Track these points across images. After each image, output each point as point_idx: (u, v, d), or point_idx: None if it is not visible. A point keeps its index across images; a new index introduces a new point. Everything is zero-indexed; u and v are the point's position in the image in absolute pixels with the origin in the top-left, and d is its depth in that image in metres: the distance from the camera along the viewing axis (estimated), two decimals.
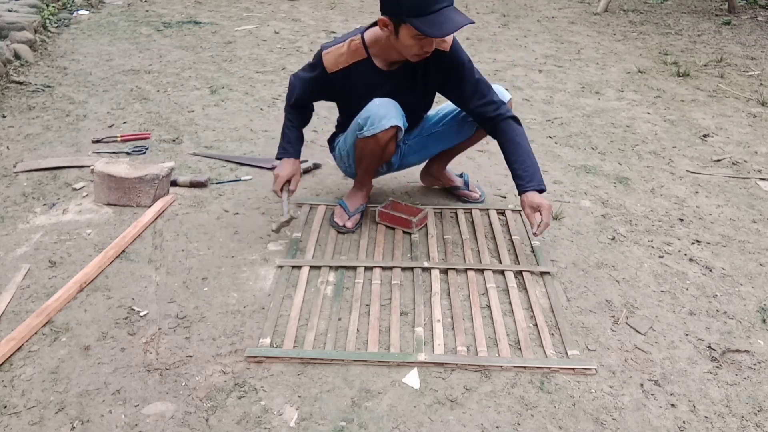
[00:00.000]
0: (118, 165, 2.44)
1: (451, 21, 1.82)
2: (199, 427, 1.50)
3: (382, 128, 2.02)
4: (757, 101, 3.82)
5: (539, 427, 1.52)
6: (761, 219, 2.51)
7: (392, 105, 2.06)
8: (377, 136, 2.05)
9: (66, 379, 1.62)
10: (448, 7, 1.83)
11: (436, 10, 1.80)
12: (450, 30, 1.81)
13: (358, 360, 1.69)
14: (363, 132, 2.06)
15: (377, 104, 2.04)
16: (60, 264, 2.08)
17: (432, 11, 1.80)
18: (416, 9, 1.80)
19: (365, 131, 2.06)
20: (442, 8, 1.81)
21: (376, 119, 2.02)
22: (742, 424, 1.55)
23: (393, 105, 2.06)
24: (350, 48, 2.05)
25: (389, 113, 2.03)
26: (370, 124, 2.04)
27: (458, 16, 1.84)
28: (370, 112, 2.04)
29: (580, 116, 3.54)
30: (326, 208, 2.45)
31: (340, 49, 2.06)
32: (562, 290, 2.02)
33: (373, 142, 2.08)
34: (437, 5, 1.80)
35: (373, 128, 2.03)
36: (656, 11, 6.47)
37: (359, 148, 2.16)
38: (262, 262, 2.12)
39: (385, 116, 2.02)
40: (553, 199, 2.58)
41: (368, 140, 2.08)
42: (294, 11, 5.99)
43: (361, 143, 2.12)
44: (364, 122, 2.05)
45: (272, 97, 3.67)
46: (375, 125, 2.03)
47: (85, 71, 4.02)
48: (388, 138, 2.07)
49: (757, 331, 1.89)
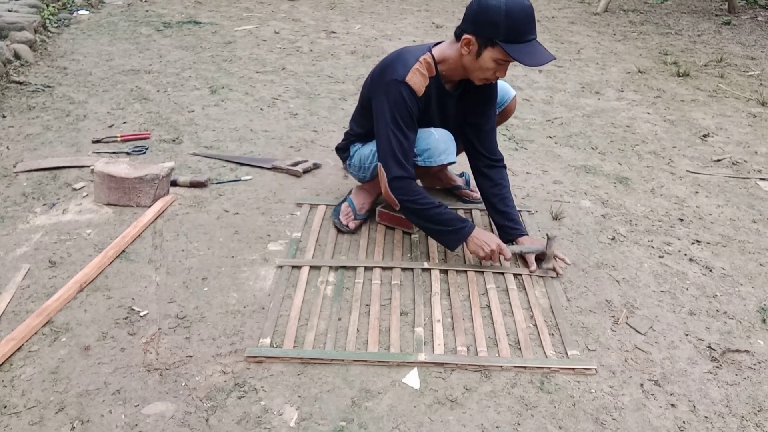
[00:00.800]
0: (118, 165, 2.44)
1: (541, 54, 1.87)
2: (199, 427, 1.50)
3: (438, 163, 2.08)
4: (757, 101, 3.82)
5: (539, 427, 1.52)
6: (761, 219, 2.51)
7: (450, 140, 2.09)
8: (429, 168, 2.11)
9: (66, 379, 1.62)
10: (535, 40, 1.89)
11: (528, 40, 1.86)
12: (540, 62, 1.86)
13: (358, 360, 1.69)
14: (416, 160, 2.07)
15: (437, 138, 2.06)
16: (60, 264, 2.08)
17: (525, 41, 1.86)
18: (513, 36, 1.84)
19: (419, 161, 2.08)
20: (532, 40, 1.87)
21: (435, 153, 2.06)
22: (742, 424, 1.55)
23: (451, 140, 2.09)
24: (425, 66, 2.00)
25: (448, 149, 2.07)
26: (428, 157, 2.07)
27: (545, 51, 1.90)
28: (429, 144, 2.06)
29: (580, 116, 3.54)
30: (326, 208, 2.45)
31: (420, 69, 1.97)
32: (562, 290, 2.02)
33: (422, 170, 2.13)
34: (530, 36, 1.86)
35: (430, 161, 2.08)
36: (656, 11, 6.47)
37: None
38: (262, 262, 2.12)
39: (444, 152, 2.07)
40: (553, 199, 2.58)
41: (420, 169, 2.12)
42: (294, 11, 5.99)
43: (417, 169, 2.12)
44: (421, 152, 2.07)
45: (272, 97, 3.67)
46: (433, 158, 2.07)
47: (85, 71, 4.02)
48: (438, 170, 2.09)
49: (757, 331, 1.89)
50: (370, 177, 2.28)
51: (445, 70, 2.02)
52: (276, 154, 2.91)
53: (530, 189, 2.66)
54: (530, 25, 1.86)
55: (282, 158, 2.85)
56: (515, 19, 1.82)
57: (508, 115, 2.39)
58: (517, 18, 1.82)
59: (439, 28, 5.52)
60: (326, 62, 4.38)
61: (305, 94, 3.72)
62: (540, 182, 2.72)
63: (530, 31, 1.86)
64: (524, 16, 1.83)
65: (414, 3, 6.55)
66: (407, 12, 6.12)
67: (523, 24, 1.83)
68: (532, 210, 2.47)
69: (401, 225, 2.29)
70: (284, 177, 2.71)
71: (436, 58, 2.01)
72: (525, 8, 1.83)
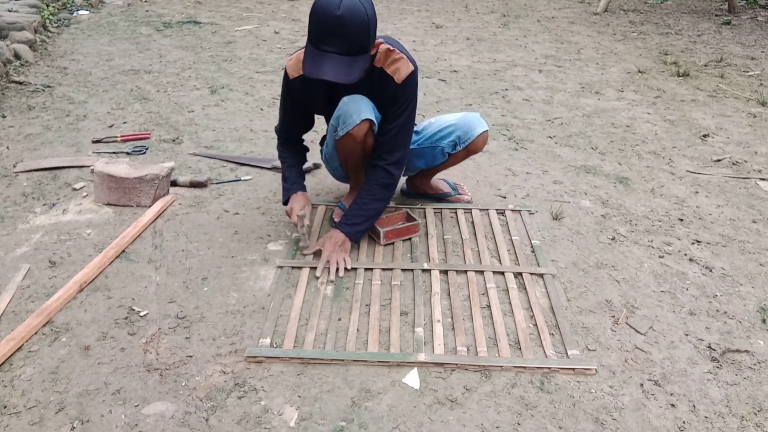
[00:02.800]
0: (118, 165, 2.44)
1: (319, 66, 1.82)
2: (199, 427, 1.50)
3: (354, 124, 2.01)
4: (757, 101, 3.82)
5: (539, 427, 1.52)
6: (761, 219, 2.51)
7: (361, 100, 2.03)
8: (351, 133, 2.03)
9: (66, 379, 1.62)
10: (334, 53, 1.81)
11: (320, 49, 1.82)
12: (311, 74, 1.83)
13: (358, 360, 1.69)
14: (338, 132, 2.06)
15: (346, 102, 2.04)
16: (60, 264, 2.08)
17: (317, 47, 1.83)
18: (309, 36, 1.84)
19: (339, 131, 2.05)
20: (325, 51, 1.81)
21: (347, 117, 2.02)
22: (742, 424, 1.55)
23: (362, 99, 2.03)
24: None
25: (359, 108, 2.01)
26: (343, 123, 2.03)
27: (330, 68, 1.81)
28: (340, 111, 2.04)
29: (580, 116, 3.54)
30: (326, 208, 2.45)
31: (299, 54, 2.02)
32: (562, 290, 2.02)
33: (350, 140, 2.06)
34: (322, 45, 1.82)
35: (346, 126, 2.03)
36: (656, 11, 6.47)
37: (340, 149, 2.15)
38: (262, 262, 2.12)
39: (355, 112, 2.01)
40: (553, 199, 2.58)
41: (345, 139, 2.07)
42: (294, 11, 5.99)
43: (341, 144, 2.11)
44: (336, 122, 2.06)
45: (272, 97, 3.67)
46: (347, 123, 2.02)
47: (85, 71, 4.02)
48: (363, 133, 2.04)
49: (757, 331, 1.89)
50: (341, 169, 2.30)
51: None
52: (276, 154, 2.90)
53: (530, 189, 2.66)
54: (326, 35, 1.80)
55: None
56: (313, 21, 1.82)
57: (476, 151, 2.34)
58: (316, 22, 1.81)
59: (439, 28, 5.52)
60: None
61: None
62: (540, 182, 2.72)
63: (325, 41, 1.80)
64: (322, 23, 1.80)
65: (414, 3, 6.55)
66: (407, 12, 6.12)
67: (318, 30, 1.81)
68: (532, 210, 2.47)
69: (409, 233, 2.26)
70: None
71: None
72: (327, 16, 1.78)
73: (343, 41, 1.80)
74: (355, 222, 2.12)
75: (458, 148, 2.30)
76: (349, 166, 2.26)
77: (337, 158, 2.25)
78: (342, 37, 1.80)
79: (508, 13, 6.22)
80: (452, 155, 2.33)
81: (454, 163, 2.40)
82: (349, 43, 1.81)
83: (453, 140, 2.29)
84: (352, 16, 1.78)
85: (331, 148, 2.23)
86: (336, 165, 2.30)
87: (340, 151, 2.17)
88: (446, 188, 2.53)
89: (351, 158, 2.19)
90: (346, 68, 1.82)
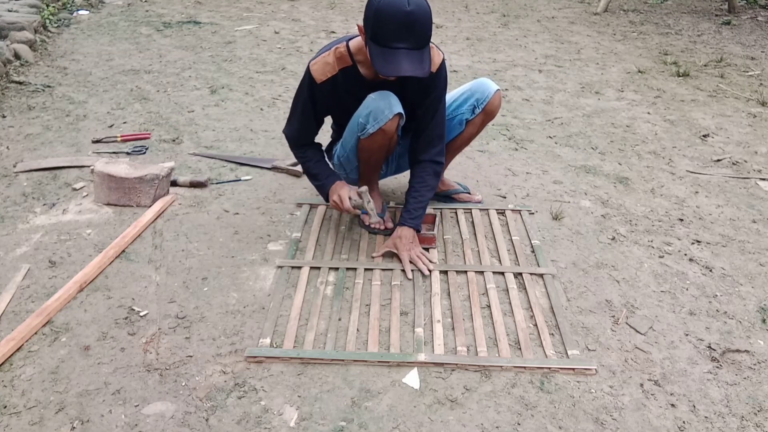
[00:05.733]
0: (118, 165, 2.44)
1: (396, 65, 1.81)
2: (199, 427, 1.50)
3: (387, 119, 2.00)
4: (757, 101, 3.82)
5: (539, 427, 1.52)
6: (761, 219, 2.51)
7: (389, 95, 2.02)
8: (383, 128, 2.02)
9: (66, 379, 1.62)
10: (407, 49, 1.81)
11: (392, 47, 1.81)
12: (389, 73, 1.82)
13: (358, 360, 1.69)
14: (367, 129, 2.03)
15: (374, 98, 2.02)
16: (60, 264, 2.08)
17: (389, 46, 1.81)
18: (377, 36, 1.82)
19: (369, 128, 2.02)
20: (398, 48, 1.81)
21: (379, 112, 2.00)
22: (742, 424, 1.55)
23: (390, 95, 2.03)
24: (336, 56, 2.02)
25: (390, 102, 2.00)
26: (374, 119, 2.01)
27: (408, 64, 1.81)
28: (370, 107, 2.01)
29: (580, 116, 3.54)
30: (326, 208, 2.44)
31: (326, 58, 2.03)
32: (562, 290, 2.02)
33: (380, 136, 2.05)
34: (395, 43, 1.80)
35: (377, 122, 2.01)
36: (656, 11, 6.47)
37: (365, 147, 2.13)
38: (262, 262, 2.12)
39: (387, 107, 2.00)
40: (553, 199, 2.58)
41: (374, 136, 2.05)
42: (294, 11, 5.99)
43: (367, 141, 2.08)
44: (366, 119, 2.03)
45: (272, 97, 3.67)
46: (379, 118, 2.00)
47: (85, 71, 4.02)
48: (394, 128, 2.04)
49: (757, 331, 1.89)
50: (355, 173, 2.29)
51: (363, 60, 2.01)
52: (276, 154, 2.91)
53: (530, 189, 2.66)
54: (398, 32, 1.79)
55: (282, 158, 2.85)
56: (382, 20, 1.78)
57: (494, 113, 2.32)
58: (385, 20, 1.78)
59: (439, 28, 5.51)
60: None
61: None
62: (540, 182, 2.72)
63: (398, 38, 1.79)
64: (393, 21, 1.78)
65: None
66: None
67: (388, 29, 1.79)
68: (532, 210, 2.47)
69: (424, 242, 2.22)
70: (284, 177, 2.71)
71: (352, 48, 2.01)
72: (397, 13, 1.76)
73: (416, 36, 1.81)
74: (416, 215, 2.15)
75: (477, 111, 2.28)
76: (371, 164, 2.24)
77: (355, 160, 2.22)
78: (414, 33, 1.81)
79: (508, 13, 6.22)
80: (470, 122, 2.30)
81: (472, 133, 2.35)
82: (420, 37, 1.83)
83: (471, 104, 2.28)
84: (420, 11, 1.79)
85: (348, 150, 2.20)
86: (352, 168, 2.27)
87: (364, 150, 2.14)
88: (457, 185, 2.53)
89: (375, 156, 2.18)
90: (420, 62, 1.84)
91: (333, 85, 2.04)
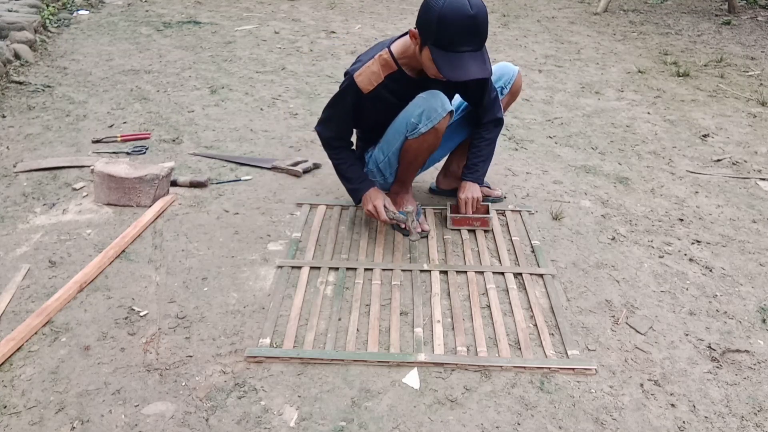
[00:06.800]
0: (118, 165, 2.44)
1: (465, 69, 1.83)
2: (199, 427, 1.50)
3: (440, 117, 2.02)
4: (757, 101, 3.82)
5: (539, 427, 1.52)
6: (761, 219, 2.51)
7: (439, 93, 2.04)
8: (436, 127, 2.04)
9: (66, 379, 1.62)
10: (472, 52, 1.84)
11: (458, 51, 1.82)
12: (461, 77, 1.84)
13: (358, 360, 1.70)
14: (419, 129, 2.04)
15: (425, 98, 2.03)
16: (60, 264, 2.08)
17: (454, 50, 1.82)
18: (442, 41, 1.82)
19: (421, 127, 2.04)
20: (464, 52, 1.83)
21: (432, 111, 2.02)
22: (742, 424, 1.55)
23: (439, 93, 2.05)
24: (380, 63, 2.03)
25: (442, 101, 2.03)
26: (426, 118, 2.02)
27: (475, 66, 1.84)
28: (422, 107, 2.03)
29: (580, 116, 3.54)
30: (326, 208, 2.45)
31: (371, 67, 2.03)
32: (562, 290, 2.02)
33: (432, 135, 2.07)
34: (461, 47, 1.82)
35: (430, 121, 2.02)
36: (656, 11, 6.47)
37: (412, 147, 2.13)
38: (262, 262, 2.12)
39: (440, 105, 2.02)
40: (553, 199, 2.58)
41: (426, 135, 2.06)
42: (294, 11, 5.99)
43: (416, 141, 2.09)
44: (418, 119, 2.03)
45: (272, 97, 3.67)
46: (432, 117, 2.02)
47: (85, 71, 4.02)
48: (445, 126, 2.08)
49: (757, 331, 1.89)
50: (393, 176, 2.30)
51: (408, 62, 2.03)
52: (276, 154, 2.91)
53: (530, 189, 2.66)
54: (464, 36, 1.80)
55: (282, 158, 2.85)
56: (447, 25, 1.78)
57: (518, 92, 2.42)
58: (450, 25, 1.78)
59: None
60: (326, 62, 4.38)
61: (305, 94, 3.72)
62: (540, 182, 2.72)
63: (463, 42, 1.81)
64: (458, 26, 1.78)
65: (414, 3, 6.55)
66: (407, 12, 6.12)
67: (454, 33, 1.79)
68: (532, 210, 2.47)
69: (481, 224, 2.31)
70: (284, 177, 2.71)
71: (395, 53, 2.02)
72: (462, 18, 1.77)
73: (479, 38, 1.84)
74: (475, 170, 2.31)
75: (504, 92, 2.37)
76: (414, 166, 2.25)
77: (395, 164, 2.23)
78: (478, 35, 1.83)
79: (508, 13, 6.22)
80: None
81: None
82: (483, 39, 1.86)
83: (500, 86, 2.35)
84: (481, 13, 1.81)
85: (390, 153, 2.20)
86: (392, 171, 2.28)
87: (410, 150, 2.14)
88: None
89: (422, 156, 2.20)
90: (483, 63, 1.87)
91: (379, 92, 2.05)
